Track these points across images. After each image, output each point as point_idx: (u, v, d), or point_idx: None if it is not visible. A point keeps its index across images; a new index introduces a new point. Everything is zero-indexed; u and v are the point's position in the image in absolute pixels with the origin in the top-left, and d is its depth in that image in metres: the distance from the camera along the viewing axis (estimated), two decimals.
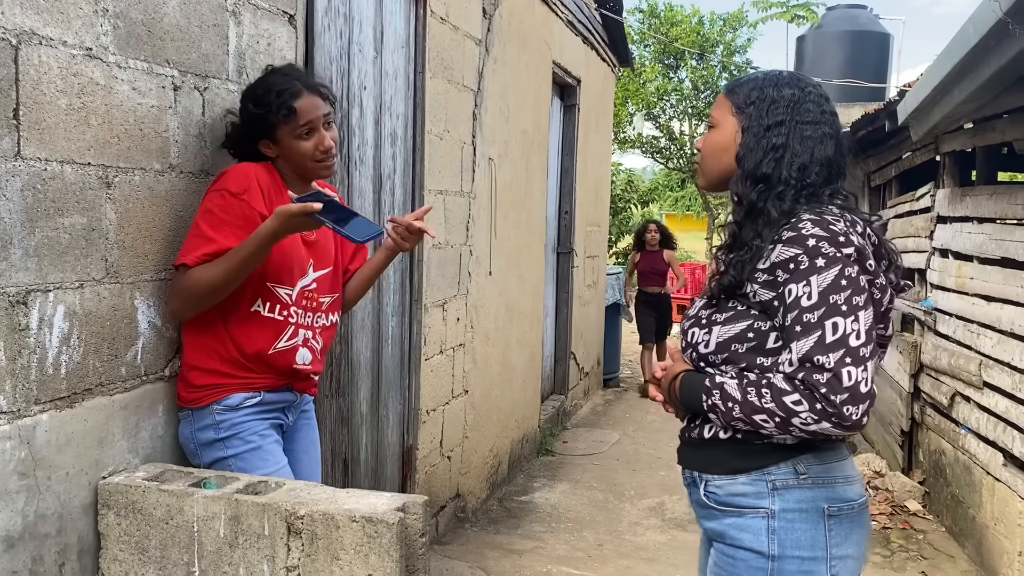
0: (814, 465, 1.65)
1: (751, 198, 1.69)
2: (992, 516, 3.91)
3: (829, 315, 1.52)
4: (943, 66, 3.32)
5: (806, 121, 1.68)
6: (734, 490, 1.68)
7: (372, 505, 1.82)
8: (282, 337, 2.14)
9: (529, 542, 4.30)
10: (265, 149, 2.16)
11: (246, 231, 2.00)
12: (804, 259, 1.56)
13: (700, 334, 1.72)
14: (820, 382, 1.50)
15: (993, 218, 4.08)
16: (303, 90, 2.13)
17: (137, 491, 1.91)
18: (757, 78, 1.76)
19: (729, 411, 1.61)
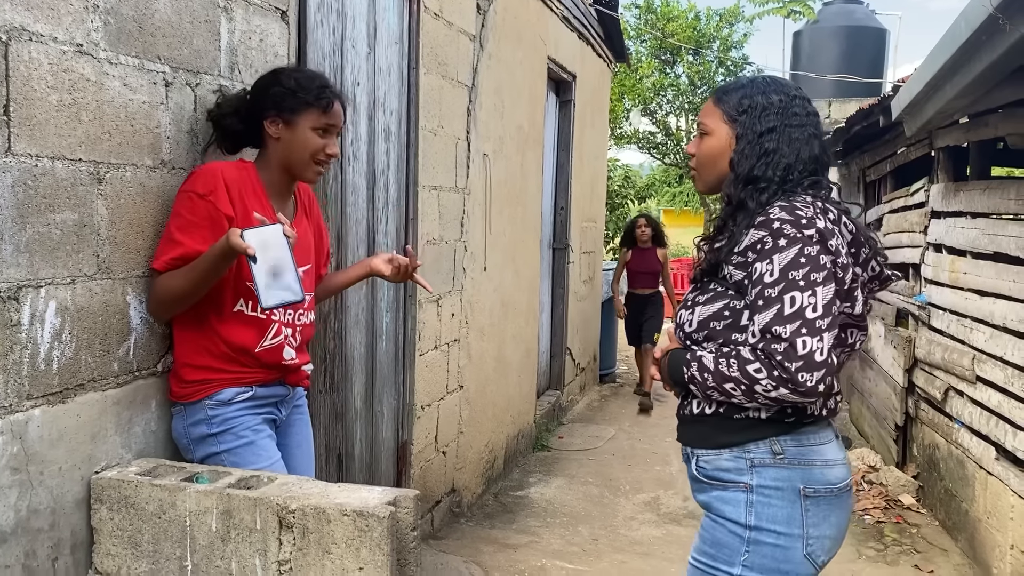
0: (791, 447, 1.76)
1: (740, 197, 1.81)
2: (984, 510, 3.93)
3: (788, 290, 1.64)
4: (935, 61, 3.33)
5: (794, 124, 1.81)
6: (719, 465, 1.81)
7: (363, 499, 1.83)
8: (267, 335, 2.15)
9: (524, 536, 4.32)
10: (270, 126, 2.13)
11: (213, 232, 2.00)
12: (769, 240, 1.69)
13: (685, 315, 1.86)
14: (777, 351, 1.62)
15: (986, 213, 4.09)
16: (338, 98, 2.19)
17: (130, 486, 1.92)
18: (745, 86, 1.88)
19: (704, 381, 1.74)
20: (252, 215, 2.07)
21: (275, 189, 2.20)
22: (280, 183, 2.21)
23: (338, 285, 2.57)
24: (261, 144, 2.19)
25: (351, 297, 3.18)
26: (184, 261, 1.99)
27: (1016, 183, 3.84)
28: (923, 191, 5.08)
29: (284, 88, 2.13)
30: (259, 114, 2.14)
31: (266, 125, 2.14)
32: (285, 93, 2.12)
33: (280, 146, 2.16)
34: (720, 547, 1.79)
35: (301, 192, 2.37)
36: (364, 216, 3.26)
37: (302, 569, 1.82)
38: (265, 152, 2.19)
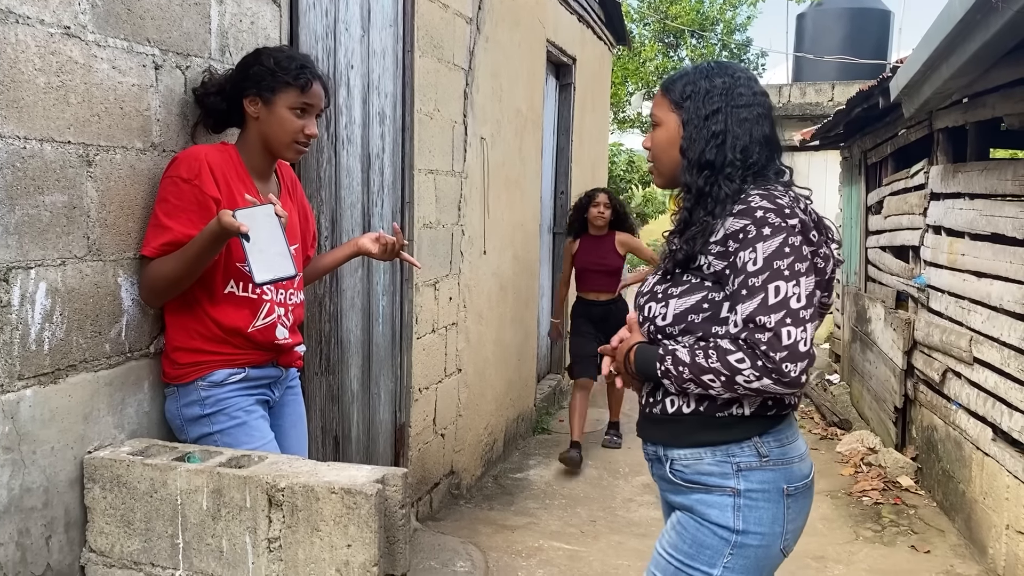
0: (775, 448, 1.75)
1: (698, 184, 1.79)
2: (981, 490, 3.94)
3: (772, 279, 1.62)
4: (931, 41, 3.32)
5: (740, 104, 1.79)
6: (700, 468, 1.76)
7: (352, 477, 1.85)
8: (259, 315, 2.16)
9: (522, 518, 4.34)
10: (250, 106, 2.14)
11: (201, 216, 2.02)
12: (752, 228, 1.66)
13: (657, 308, 1.80)
14: (761, 340, 1.60)
15: (984, 194, 4.08)
16: (318, 78, 2.19)
17: (122, 465, 1.94)
18: (689, 72, 1.87)
19: (680, 374, 1.70)
20: (237, 197, 2.09)
21: (256, 169, 2.21)
22: (261, 163, 2.22)
23: (326, 266, 2.58)
24: (242, 123, 2.20)
25: (347, 280, 3.19)
26: (174, 246, 2.01)
27: (1013, 164, 3.82)
28: (923, 173, 5.06)
29: (264, 67, 2.13)
30: (240, 93, 2.15)
31: (245, 104, 2.15)
32: (264, 72, 2.13)
33: (258, 125, 2.17)
34: (702, 548, 1.75)
35: (284, 174, 2.39)
36: (359, 200, 3.27)
37: (291, 546, 1.84)
38: (245, 132, 2.20)
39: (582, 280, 5.44)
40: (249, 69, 2.15)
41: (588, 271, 5.39)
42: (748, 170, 1.75)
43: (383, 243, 2.46)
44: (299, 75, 2.13)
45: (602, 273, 5.36)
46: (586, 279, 5.43)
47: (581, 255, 5.41)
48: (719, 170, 1.76)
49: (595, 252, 5.39)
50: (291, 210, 2.33)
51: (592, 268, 5.38)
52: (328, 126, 3.01)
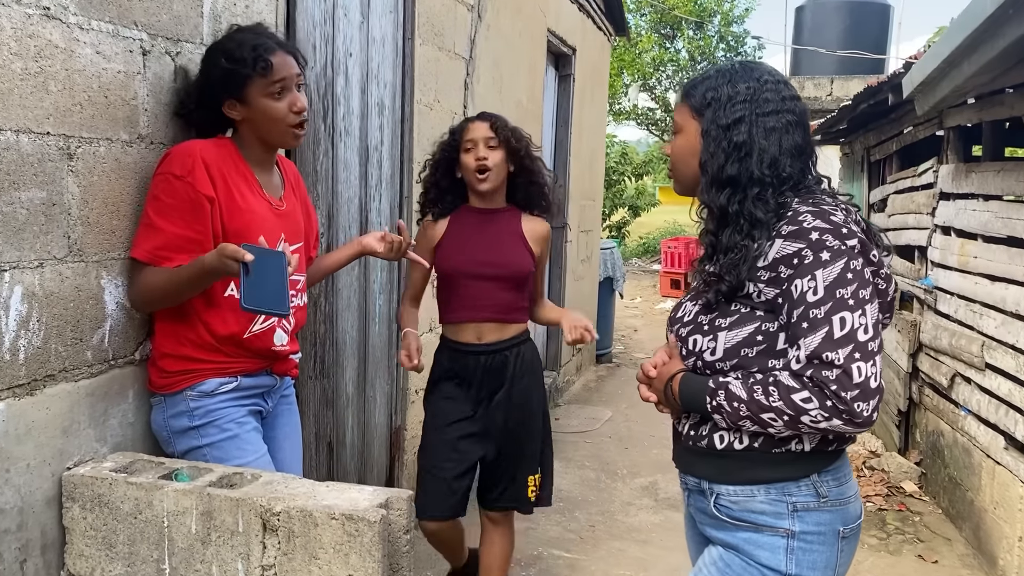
0: (833, 487, 1.61)
1: (720, 203, 1.61)
2: (991, 500, 3.84)
3: (836, 310, 1.46)
4: (954, 37, 3.19)
5: (767, 112, 1.60)
6: (751, 507, 1.62)
7: (353, 501, 1.71)
8: (257, 319, 2.02)
9: (520, 522, 4.19)
10: (230, 111, 2.01)
11: (194, 215, 1.88)
12: (808, 253, 1.49)
13: (704, 341, 1.63)
14: (830, 379, 1.45)
15: (999, 195, 3.96)
16: (276, 48, 2.03)
17: (104, 483, 1.80)
18: (711, 76, 1.68)
19: (735, 411, 1.54)
20: (235, 192, 1.95)
21: (256, 162, 2.08)
22: (260, 157, 2.09)
23: (329, 267, 2.46)
24: (233, 124, 2.08)
25: (342, 280, 3.05)
26: (166, 249, 1.87)
27: None
28: (931, 172, 4.95)
29: (221, 68, 1.99)
30: (218, 104, 2.03)
31: (226, 111, 2.03)
32: (223, 73, 1.99)
33: (247, 125, 2.04)
34: None
35: (287, 169, 2.26)
36: (356, 194, 3.12)
37: (287, 575, 1.70)
38: (239, 132, 2.08)
39: (451, 300, 2.77)
40: (211, 77, 2.01)
41: (464, 280, 2.72)
42: (783, 185, 1.59)
43: (389, 242, 2.33)
44: (256, 61, 1.97)
45: (494, 284, 2.72)
46: (460, 298, 2.74)
47: (449, 247, 2.74)
48: (744, 188, 1.58)
49: (480, 242, 2.72)
50: (294, 206, 2.20)
51: (473, 274, 2.70)
52: (325, 117, 2.86)
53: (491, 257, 2.71)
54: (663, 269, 13.82)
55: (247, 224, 1.98)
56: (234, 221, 1.96)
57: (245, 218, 1.97)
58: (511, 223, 2.78)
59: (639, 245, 19.59)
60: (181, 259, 1.88)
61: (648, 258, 18.65)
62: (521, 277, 2.76)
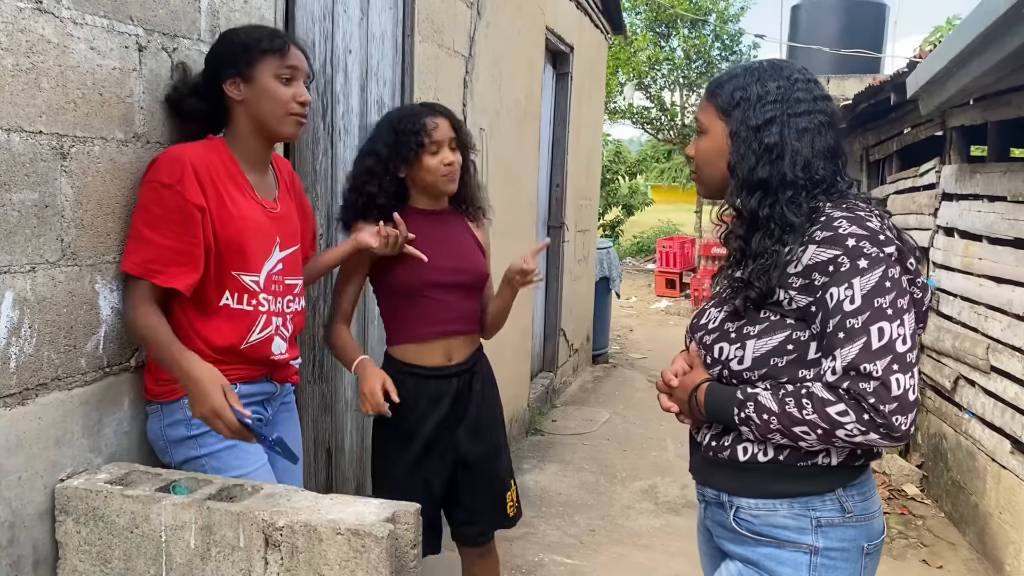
0: (858, 502, 1.55)
1: (751, 207, 1.55)
2: (997, 504, 3.79)
3: (874, 320, 1.40)
4: (964, 36, 3.14)
5: (799, 112, 1.54)
6: (773, 521, 1.56)
7: (359, 514, 1.65)
8: (254, 329, 1.95)
9: (519, 528, 4.12)
10: (231, 89, 1.93)
11: (184, 226, 1.81)
12: (845, 260, 1.43)
13: (731, 349, 1.57)
14: (867, 391, 1.39)
15: (1004, 196, 3.92)
16: (294, 43, 1.99)
17: (98, 496, 1.73)
18: (739, 75, 1.61)
19: (765, 424, 1.48)
20: (226, 198, 1.89)
21: (250, 162, 2.00)
22: (255, 153, 2.00)
23: (324, 266, 2.38)
24: (226, 115, 1.99)
25: None
26: (156, 262, 1.80)
27: None
28: (934, 172, 4.91)
29: (235, 43, 1.94)
30: (217, 81, 1.94)
31: (226, 89, 1.94)
32: (236, 48, 1.93)
33: (246, 107, 1.95)
34: None
35: (282, 169, 2.18)
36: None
37: None
38: (233, 122, 1.98)
39: (413, 316, 2.44)
40: (220, 53, 1.95)
41: (431, 291, 2.42)
42: (816, 188, 1.53)
43: (384, 236, 2.26)
44: (273, 39, 1.93)
45: (461, 294, 2.47)
46: (426, 313, 2.43)
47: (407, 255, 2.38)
48: (776, 191, 1.52)
49: (441, 247, 2.43)
50: (290, 207, 2.14)
51: (441, 284, 2.42)
52: (324, 115, 2.80)
53: (457, 263, 2.44)
54: (658, 268, 13.78)
55: (239, 232, 1.91)
56: (226, 229, 1.88)
57: (237, 225, 1.90)
58: (460, 224, 2.53)
59: (633, 244, 19.56)
60: (172, 272, 1.81)
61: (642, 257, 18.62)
62: (483, 283, 2.54)
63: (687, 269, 13.50)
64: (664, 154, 25.66)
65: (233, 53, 1.93)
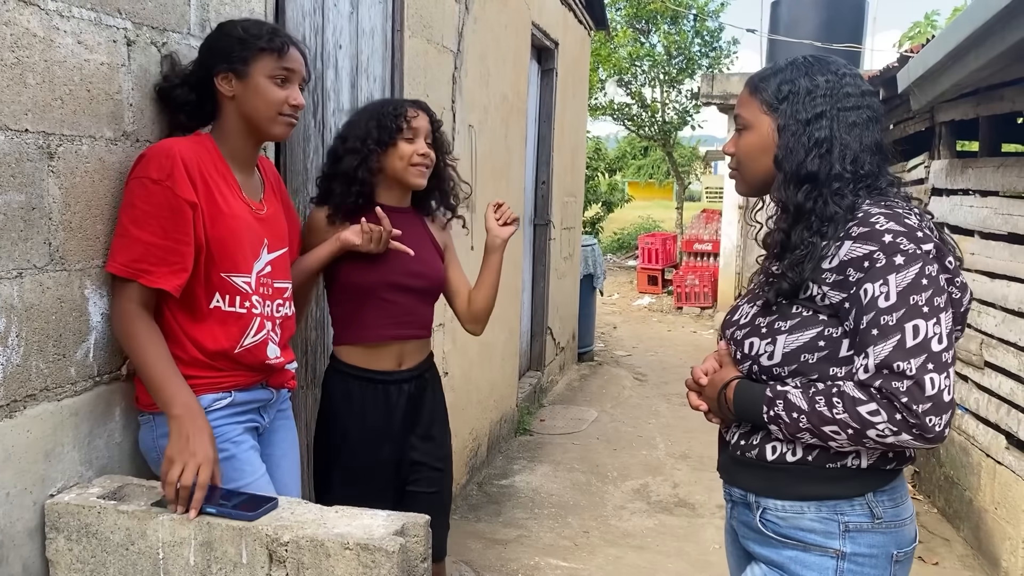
0: (889, 508, 1.51)
1: (798, 201, 1.52)
2: (992, 500, 3.79)
3: (909, 317, 1.37)
4: (960, 30, 3.11)
5: (848, 107, 1.51)
6: (800, 524, 1.52)
7: (367, 528, 1.58)
8: (248, 332, 1.87)
9: (512, 530, 4.10)
10: (223, 84, 1.85)
11: (174, 223, 1.72)
12: (881, 256, 1.39)
13: (761, 344, 1.54)
14: (900, 390, 1.35)
15: (997, 191, 3.91)
16: (295, 44, 1.91)
17: (91, 512, 1.65)
18: (784, 69, 1.58)
19: (795, 423, 1.45)
20: (216, 194, 1.80)
21: (237, 160, 1.91)
22: (242, 152, 1.92)
23: (309, 268, 2.26)
24: (216, 110, 1.90)
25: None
26: (144, 261, 1.71)
27: None
28: (923, 167, 4.90)
29: (232, 37, 1.85)
30: (209, 74, 1.86)
31: (218, 83, 1.85)
32: (233, 42, 1.84)
33: (237, 105, 1.87)
34: None
35: (267, 169, 2.10)
36: None
37: None
38: (221, 118, 1.90)
39: (366, 317, 2.34)
40: (216, 45, 1.87)
41: (387, 293, 2.33)
42: (860, 183, 1.49)
43: (367, 232, 2.18)
44: (272, 38, 1.85)
45: (419, 297, 2.41)
46: (379, 314, 2.34)
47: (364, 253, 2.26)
48: (824, 184, 1.49)
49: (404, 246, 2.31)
50: (277, 209, 2.05)
51: (400, 286, 2.34)
52: (315, 113, 2.72)
53: (415, 266, 2.34)
54: (640, 265, 13.76)
55: (231, 231, 1.83)
56: (217, 228, 1.80)
57: (228, 224, 1.82)
58: (421, 226, 2.45)
59: (613, 241, 19.54)
60: (162, 272, 1.72)
61: (623, 254, 18.60)
62: (440, 289, 2.48)
63: (669, 265, 13.50)
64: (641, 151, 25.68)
65: (229, 46, 1.85)
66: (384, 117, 2.29)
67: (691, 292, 11.74)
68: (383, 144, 2.28)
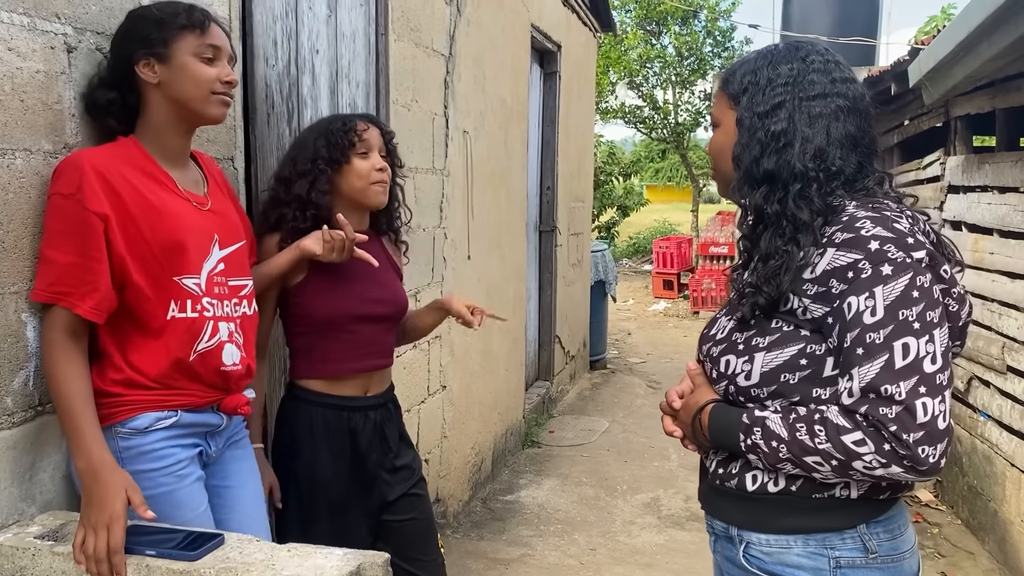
0: (885, 541, 1.35)
1: (756, 203, 1.38)
2: (1018, 511, 3.60)
3: (899, 335, 1.21)
4: (972, 17, 2.95)
5: (812, 96, 1.36)
6: (787, 560, 1.37)
7: (319, 569, 1.45)
8: (201, 337, 1.73)
9: (516, 549, 3.96)
10: (145, 71, 1.70)
11: (85, 238, 1.59)
12: (866, 266, 1.24)
13: (738, 363, 1.38)
14: (888, 417, 1.20)
15: (1016, 187, 3.73)
16: (213, 19, 1.77)
17: (25, 554, 1.53)
18: (750, 59, 1.45)
19: (774, 452, 1.30)
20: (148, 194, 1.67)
21: (168, 155, 1.77)
22: (174, 144, 1.78)
23: (266, 276, 2.08)
24: (140, 104, 1.75)
25: None
26: (61, 283, 1.58)
27: None
28: (938, 163, 4.72)
29: (146, 20, 1.72)
30: (127, 64, 1.71)
31: (139, 71, 1.71)
32: (148, 25, 1.71)
33: (163, 91, 1.72)
34: None
35: (208, 165, 1.94)
36: None
37: None
38: (147, 110, 1.75)
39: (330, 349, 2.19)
40: (129, 31, 1.73)
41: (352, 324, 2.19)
42: (832, 181, 1.34)
43: (328, 240, 2.03)
44: (191, 14, 1.71)
45: (383, 326, 2.27)
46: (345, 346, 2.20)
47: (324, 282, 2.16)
48: (785, 184, 1.35)
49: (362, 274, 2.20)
50: (225, 204, 1.90)
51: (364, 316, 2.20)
52: (290, 120, 2.60)
53: (382, 293, 2.24)
54: (655, 270, 13.58)
55: (173, 230, 1.69)
56: (158, 232, 1.67)
57: (168, 224, 1.68)
58: (381, 248, 2.30)
59: (629, 245, 19.37)
60: (80, 294, 1.58)
61: (639, 258, 18.43)
62: (404, 314, 2.34)
63: (685, 270, 13.31)
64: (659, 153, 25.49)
65: (144, 30, 1.71)
66: (333, 134, 2.13)
67: (707, 296, 11.55)
68: (335, 163, 2.13)
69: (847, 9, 10.69)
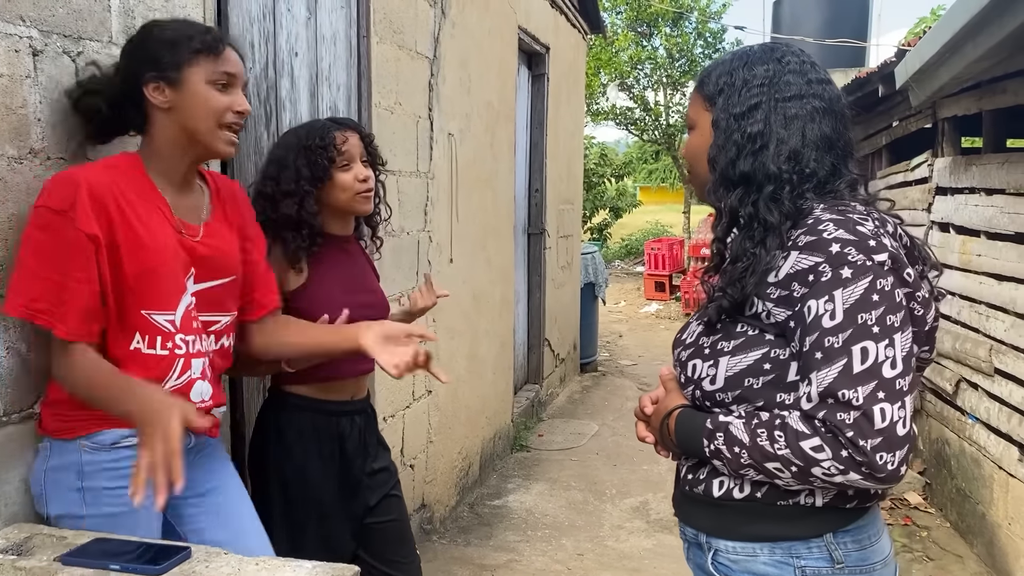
0: (853, 550, 1.33)
1: (731, 205, 1.37)
2: (1006, 515, 3.58)
3: (857, 339, 1.20)
4: (956, 19, 2.93)
5: (788, 97, 1.35)
6: (753, 568, 1.35)
7: None
8: (170, 376, 1.68)
9: (503, 555, 3.93)
10: (155, 95, 1.65)
11: (71, 259, 1.54)
12: (826, 269, 1.23)
13: (704, 367, 1.37)
14: (846, 423, 1.18)
15: (1003, 189, 3.71)
16: (230, 44, 1.72)
17: None
18: (725, 60, 1.44)
19: (736, 458, 1.29)
20: (142, 220, 1.62)
21: (170, 179, 1.71)
22: (176, 170, 1.72)
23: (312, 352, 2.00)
24: (145, 124, 1.71)
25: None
26: (43, 301, 1.53)
27: None
28: (926, 165, 4.71)
29: (160, 40, 1.65)
30: (136, 83, 1.66)
31: (148, 94, 1.65)
32: (162, 46, 1.64)
33: (172, 117, 1.67)
34: None
35: (218, 185, 1.87)
36: None
37: None
38: (151, 132, 1.70)
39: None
40: (140, 49, 1.67)
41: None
42: (805, 183, 1.33)
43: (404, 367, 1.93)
44: (206, 38, 1.66)
45: None
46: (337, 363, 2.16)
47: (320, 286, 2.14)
48: (759, 186, 1.33)
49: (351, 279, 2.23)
50: (220, 234, 1.81)
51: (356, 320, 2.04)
52: (269, 124, 2.57)
53: (369, 297, 2.24)
54: (647, 271, 13.57)
55: (150, 266, 1.63)
56: (136, 263, 1.61)
57: (148, 258, 1.62)
58: (360, 251, 2.33)
59: (621, 247, 19.36)
60: (62, 314, 1.54)
61: (631, 260, 18.42)
62: (387, 317, 2.26)
63: (676, 271, 13.30)
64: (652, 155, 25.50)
65: (157, 51, 1.65)
66: (312, 152, 2.08)
67: (699, 298, 11.53)
68: (317, 181, 2.09)
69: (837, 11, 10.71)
